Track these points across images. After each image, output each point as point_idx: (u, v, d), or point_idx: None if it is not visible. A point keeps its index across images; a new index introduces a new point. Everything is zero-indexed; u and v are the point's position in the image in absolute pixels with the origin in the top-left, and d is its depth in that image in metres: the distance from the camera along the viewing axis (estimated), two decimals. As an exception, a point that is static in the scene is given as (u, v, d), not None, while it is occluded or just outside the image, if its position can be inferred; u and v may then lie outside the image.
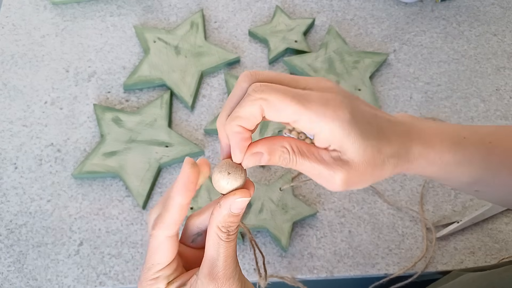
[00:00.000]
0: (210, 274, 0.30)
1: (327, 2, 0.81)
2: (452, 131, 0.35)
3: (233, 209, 0.30)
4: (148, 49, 0.73)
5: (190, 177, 0.30)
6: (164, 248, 0.31)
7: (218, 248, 0.30)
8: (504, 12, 0.81)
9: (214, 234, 0.30)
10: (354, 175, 0.31)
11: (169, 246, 0.31)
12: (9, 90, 0.71)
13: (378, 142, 0.31)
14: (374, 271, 0.59)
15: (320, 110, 0.30)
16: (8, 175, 0.64)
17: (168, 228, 0.30)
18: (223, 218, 0.30)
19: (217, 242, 0.30)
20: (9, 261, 0.59)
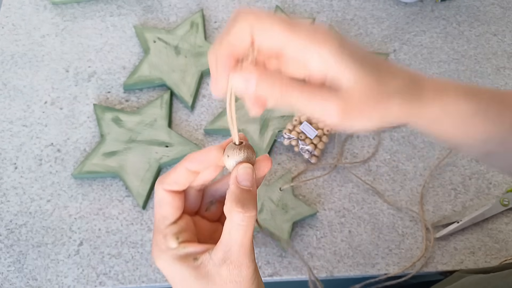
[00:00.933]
0: (224, 258, 0.30)
1: (327, 2, 0.81)
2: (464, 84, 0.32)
3: (240, 181, 0.30)
4: (148, 49, 0.73)
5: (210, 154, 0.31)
6: (166, 201, 0.31)
7: (234, 231, 0.29)
8: (504, 12, 0.81)
9: (229, 217, 0.30)
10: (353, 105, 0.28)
11: (171, 200, 0.31)
12: (9, 90, 0.71)
13: (379, 73, 0.29)
14: (374, 271, 0.59)
15: (309, 36, 0.28)
16: (8, 175, 0.64)
17: (168, 184, 0.31)
18: (235, 193, 0.30)
19: (233, 225, 0.29)
20: (9, 261, 0.59)
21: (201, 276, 0.30)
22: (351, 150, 0.67)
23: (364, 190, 0.64)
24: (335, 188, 0.64)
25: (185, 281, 0.30)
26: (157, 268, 0.59)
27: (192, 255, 0.30)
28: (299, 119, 0.66)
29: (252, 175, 0.30)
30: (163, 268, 0.31)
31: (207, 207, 0.35)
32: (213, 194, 0.35)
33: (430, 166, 0.67)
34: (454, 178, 0.66)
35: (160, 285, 0.58)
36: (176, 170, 0.31)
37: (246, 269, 0.30)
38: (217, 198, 0.35)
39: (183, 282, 0.30)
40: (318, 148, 0.65)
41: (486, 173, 0.66)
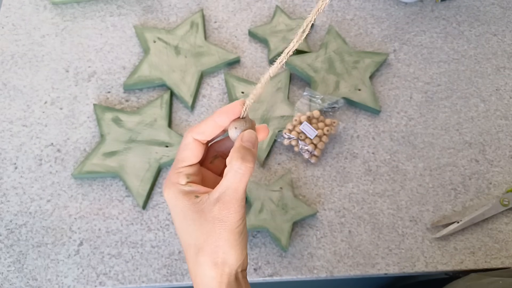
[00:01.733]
0: (218, 198, 0.34)
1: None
2: None
3: (244, 141, 0.35)
4: (148, 49, 0.73)
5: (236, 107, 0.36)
6: (191, 147, 0.36)
7: (232, 178, 0.34)
8: (504, 12, 0.81)
9: (230, 164, 0.34)
10: None
11: (195, 148, 0.36)
12: (9, 90, 0.71)
13: None
14: (374, 271, 0.59)
15: None
16: (8, 175, 0.64)
17: (196, 133, 0.36)
18: (238, 148, 0.35)
19: (232, 173, 0.34)
20: (9, 261, 0.59)
21: (197, 210, 0.35)
22: (351, 150, 0.67)
23: (364, 190, 0.64)
24: (335, 188, 0.64)
25: (184, 212, 0.35)
26: (157, 268, 0.59)
27: (194, 193, 0.35)
28: (299, 119, 0.66)
29: (255, 139, 0.36)
30: (169, 199, 0.36)
31: (211, 160, 0.40)
32: (217, 149, 0.40)
33: (430, 166, 0.67)
34: (454, 178, 0.66)
35: (160, 285, 0.58)
36: (206, 122, 0.36)
37: (234, 212, 0.34)
38: (220, 154, 0.40)
39: (182, 213, 0.35)
40: (318, 148, 0.65)
41: (486, 173, 0.66)
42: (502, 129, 0.70)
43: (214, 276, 0.35)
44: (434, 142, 0.68)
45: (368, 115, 0.70)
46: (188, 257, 0.36)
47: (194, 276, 0.36)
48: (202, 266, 0.35)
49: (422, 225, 0.62)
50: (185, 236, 0.36)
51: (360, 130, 0.69)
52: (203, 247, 0.35)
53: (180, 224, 0.36)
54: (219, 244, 0.34)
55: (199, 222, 0.34)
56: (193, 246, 0.35)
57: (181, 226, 0.36)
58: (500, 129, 0.70)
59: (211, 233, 0.34)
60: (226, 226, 0.34)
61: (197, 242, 0.35)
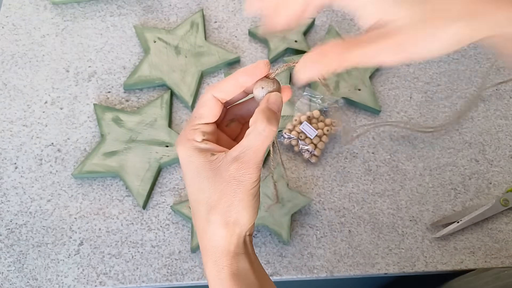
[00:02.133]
0: (237, 157, 0.34)
1: (327, 2, 0.81)
2: None
3: (270, 103, 0.34)
4: (148, 49, 0.73)
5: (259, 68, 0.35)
6: (209, 104, 0.35)
7: (254, 139, 0.33)
8: (504, 12, 0.81)
9: (254, 125, 0.34)
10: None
11: (214, 105, 0.35)
12: (9, 90, 0.71)
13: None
14: (374, 271, 0.59)
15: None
16: (8, 175, 0.64)
17: (217, 90, 0.35)
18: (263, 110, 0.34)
19: (255, 134, 0.33)
20: (9, 261, 0.59)
21: (212, 168, 0.34)
22: (351, 150, 0.67)
23: (363, 190, 0.64)
24: (335, 188, 0.64)
25: (198, 169, 0.34)
26: (157, 268, 0.59)
27: (211, 151, 0.35)
28: (299, 119, 0.66)
29: (281, 103, 0.35)
30: (183, 155, 0.35)
31: (227, 123, 0.39)
32: (235, 113, 0.39)
33: (430, 166, 0.67)
34: (454, 178, 0.66)
35: (160, 285, 0.58)
36: (228, 81, 0.35)
37: (251, 173, 0.33)
38: (237, 117, 0.39)
39: (196, 170, 0.34)
40: (318, 148, 0.65)
41: (486, 173, 0.66)
42: (502, 129, 0.70)
43: (224, 235, 0.34)
44: (434, 142, 0.68)
45: (368, 115, 0.70)
46: (197, 214, 0.35)
47: (202, 233, 0.35)
48: (213, 224, 0.34)
49: (422, 225, 0.62)
50: (197, 193, 0.35)
51: (360, 130, 0.69)
52: (215, 205, 0.34)
53: (192, 181, 0.35)
54: (233, 203, 0.34)
55: (214, 180, 0.34)
56: (204, 204, 0.34)
57: (193, 183, 0.35)
58: (500, 129, 0.70)
59: (225, 192, 0.34)
60: (242, 186, 0.33)
61: (210, 200, 0.34)
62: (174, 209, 0.61)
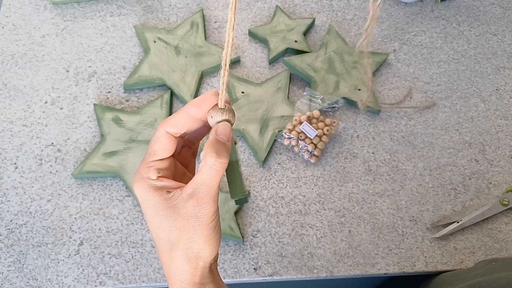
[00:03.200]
0: (191, 193, 0.34)
1: (327, 2, 0.81)
2: None
3: (218, 134, 0.35)
4: (148, 49, 0.73)
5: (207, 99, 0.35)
6: (162, 140, 0.35)
7: (206, 173, 0.34)
8: (504, 12, 0.81)
9: (204, 159, 0.34)
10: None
11: (167, 141, 0.36)
12: (9, 90, 0.71)
13: None
14: (374, 271, 0.59)
15: None
16: (8, 175, 0.64)
17: (168, 125, 0.35)
18: (212, 142, 0.34)
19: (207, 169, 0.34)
20: (9, 261, 0.59)
21: (169, 206, 0.34)
22: (351, 150, 0.67)
23: (363, 190, 0.64)
24: (335, 188, 0.64)
25: (155, 208, 0.34)
26: (157, 268, 0.59)
27: (166, 188, 0.35)
28: (299, 119, 0.66)
29: (230, 132, 0.35)
30: (139, 194, 0.35)
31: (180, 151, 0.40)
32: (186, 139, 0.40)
33: (430, 166, 0.67)
34: (454, 178, 0.66)
35: (160, 285, 0.58)
36: (178, 114, 0.36)
37: (208, 207, 0.34)
38: (187, 143, 0.40)
39: (153, 208, 0.35)
40: (318, 148, 0.65)
41: (486, 173, 0.66)
42: (502, 129, 0.70)
43: (188, 269, 0.35)
44: (434, 142, 0.68)
45: (368, 115, 0.70)
46: (160, 250, 0.36)
47: (167, 269, 0.36)
48: (176, 260, 0.35)
49: (422, 225, 0.62)
50: (157, 231, 0.35)
51: (360, 130, 0.69)
52: (177, 243, 0.34)
53: (151, 219, 0.35)
54: (193, 239, 0.34)
55: (172, 218, 0.34)
56: (166, 241, 0.35)
57: (153, 221, 0.35)
58: (500, 129, 0.70)
59: (185, 229, 0.34)
60: (200, 222, 0.34)
61: (171, 238, 0.34)
62: (174, 209, 0.61)
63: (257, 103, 0.69)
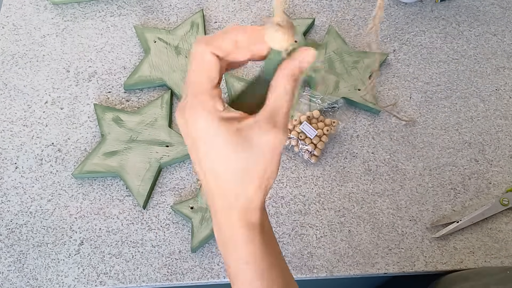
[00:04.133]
0: (270, 122, 0.31)
1: (327, 2, 0.81)
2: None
3: (303, 63, 0.32)
4: (149, 49, 0.73)
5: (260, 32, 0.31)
6: (214, 63, 0.31)
7: (282, 100, 0.32)
8: (503, 12, 0.81)
9: (281, 87, 0.32)
10: None
11: (217, 63, 0.31)
12: (10, 90, 0.71)
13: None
14: (374, 271, 0.59)
15: None
16: (8, 175, 0.64)
17: (215, 47, 0.31)
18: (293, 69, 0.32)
19: (282, 95, 0.31)
20: (9, 261, 0.59)
21: (241, 138, 0.31)
22: (351, 150, 0.67)
23: (363, 189, 0.64)
24: (335, 187, 0.65)
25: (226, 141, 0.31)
26: (157, 267, 0.59)
27: (236, 118, 0.31)
28: (299, 119, 0.66)
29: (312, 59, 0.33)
30: (202, 129, 0.31)
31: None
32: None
33: (430, 166, 0.67)
34: (453, 178, 0.66)
35: (160, 285, 0.58)
36: (224, 39, 0.31)
37: (285, 137, 0.32)
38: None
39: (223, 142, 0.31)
40: (318, 148, 0.65)
41: (486, 173, 0.66)
42: (502, 129, 0.70)
43: (260, 196, 0.33)
44: (434, 142, 0.69)
45: (368, 115, 0.70)
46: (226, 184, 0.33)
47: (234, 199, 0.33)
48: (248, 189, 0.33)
49: (422, 224, 0.62)
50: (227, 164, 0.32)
51: (360, 130, 0.69)
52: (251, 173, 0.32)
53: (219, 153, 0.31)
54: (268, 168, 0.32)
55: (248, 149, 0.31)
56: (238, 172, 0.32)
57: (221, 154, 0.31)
58: (499, 129, 0.70)
59: (261, 159, 0.32)
60: (277, 151, 0.32)
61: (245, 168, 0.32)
62: (174, 209, 0.61)
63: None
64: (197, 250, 0.59)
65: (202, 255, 0.60)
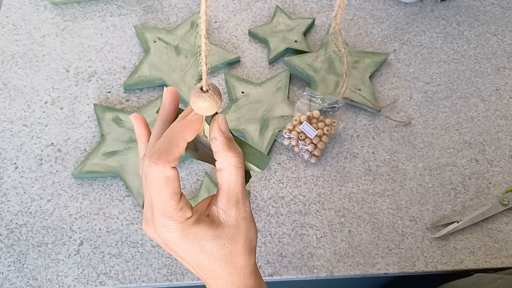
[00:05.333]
0: (229, 201, 0.33)
1: (327, 2, 0.81)
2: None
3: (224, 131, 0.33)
4: (149, 49, 0.73)
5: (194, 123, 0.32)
6: (175, 178, 0.31)
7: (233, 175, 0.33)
8: (504, 12, 0.81)
9: (227, 162, 0.33)
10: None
11: (177, 175, 0.32)
12: (10, 90, 0.71)
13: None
14: (374, 271, 0.59)
15: None
16: (8, 175, 0.64)
17: (174, 160, 0.31)
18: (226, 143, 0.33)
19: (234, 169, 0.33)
20: (9, 261, 0.59)
21: (216, 228, 0.33)
22: (351, 150, 0.67)
23: (363, 190, 0.64)
24: (335, 188, 0.64)
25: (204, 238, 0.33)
26: (157, 268, 0.59)
27: (203, 214, 0.33)
28: (299, 119, 0.66)
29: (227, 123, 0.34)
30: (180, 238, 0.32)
31: None
32: None
33: (430, 166, 0.67)
34: (454, 178, 0.66)
35: (160, 285, 0.58)
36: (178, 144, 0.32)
37: (248, 204, 0.34)
38: None
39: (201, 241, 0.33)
40: (318, 148, 0.65)
41: (486, 173, 0.66)
42: (502, 129, 0.70)
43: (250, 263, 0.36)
44: (434, 142, 0.68)
45: (368, 115, 0.70)
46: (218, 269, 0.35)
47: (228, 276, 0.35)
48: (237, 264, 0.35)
49: (422, 224, 0.62)
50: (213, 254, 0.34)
51: (360, 130, 0.69)
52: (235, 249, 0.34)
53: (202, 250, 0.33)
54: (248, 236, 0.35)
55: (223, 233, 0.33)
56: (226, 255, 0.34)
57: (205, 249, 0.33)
58: (500, 129, 0.70)
59: (238, 234, 0.34)
60: (248, 219, 0.34)
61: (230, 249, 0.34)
62: (174, 209, 0.61)
63: (257, 103, 0.69)
64: (197, 250, 0.59)
65: (202, 255, 0.59)
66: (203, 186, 0.62)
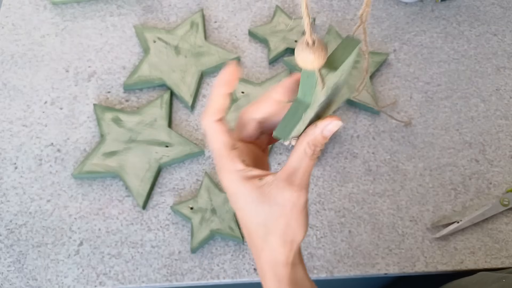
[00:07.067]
0: (288, 179, 0.34)
1: (327, 2, 0.81)
2: None
3: (326, 131, 0.34)
4: (148, 49, 0.73)
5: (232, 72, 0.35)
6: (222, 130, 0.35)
7: (301, 161, 0.34)
8: (504, 12, 0.81)
9: (301, 149, 0.34)
10: None
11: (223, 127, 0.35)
12: (9, 90, 0.71)
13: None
14: (374, 271, 0.59)
15: None
16: (8, 175, 0.64)
17: (214, 114, 0.35)
18: (315, 137, 0.34)
19: (302, 156, 0.34)
20: (9, 261, 0.59)
21: (263, 193, 0.34)
22: (351, 150, 0.67)
23: (363, 190, 0.64)
24: (335, 188, 0.64)
25: (249, 196, 0.34)
26: (157, 268, 0.59)
27: (257, 176, 0.35)
28: (299, 119, 0.66)
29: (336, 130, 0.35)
30: (228, 186, 0.35)
31: (257, 136, 0.39)
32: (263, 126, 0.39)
33: (430, 166, 0.67)
34: (454, 178, 0.66)
35: (160, 285, 0.58)
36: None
37: (304, 195, 0.34)
38: (266, 131, 0.39)
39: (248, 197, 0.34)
40: (318, 148, 0.65)
41: (486, 173, 0.66)
42: (502, 129, 0.70)
43: (283, 252, 0.36)
44: (434, 142, 0.68)
45: (368, 115, 0.70)
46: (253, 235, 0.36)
47: (260, 251, 0.36)
48: (271, 244, 0.35)
49: (422, 225, 0.62)
50: (251, 217, 0.35)
51: (360, 130, 0.69)
52: (273, 228, 0.35)
53: (244, 207, 0.35)
54: (290, 224, 0.35)
55: (269, 205, 0.34)
56: (261, 226, 0.35)
57: (245, 208, 0.35)
58: (500, 129, 0.70)
59: (282, 215, 0.34)
60: (297, 208, 0.34)
61: (267, 223, 0.35)
62: (174, 210, 0.61)
63: (257, 103, 0.69)
64: (197, 250, 0.59)
65: (202, 256, 0.59)
66: (203, 186, 0.62)
